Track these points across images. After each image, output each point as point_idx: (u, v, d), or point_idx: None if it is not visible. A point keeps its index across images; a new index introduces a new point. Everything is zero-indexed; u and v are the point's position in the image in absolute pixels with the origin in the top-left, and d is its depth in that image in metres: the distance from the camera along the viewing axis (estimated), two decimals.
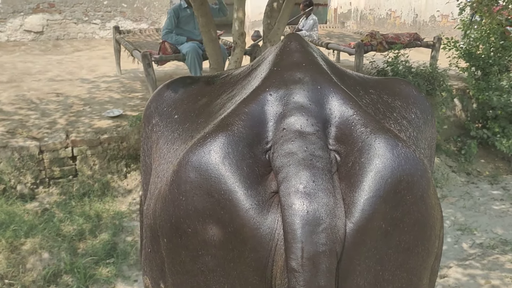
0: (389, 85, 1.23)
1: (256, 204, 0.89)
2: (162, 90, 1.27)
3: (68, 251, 4.16)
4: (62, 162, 5.00)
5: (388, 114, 1.09)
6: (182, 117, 1.15)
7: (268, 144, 0.94)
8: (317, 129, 0.93)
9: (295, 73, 1.00)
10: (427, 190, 0.95)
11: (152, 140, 1.21)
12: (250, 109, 0.96)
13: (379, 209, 0.89)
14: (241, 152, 0.91)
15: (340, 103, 0.96)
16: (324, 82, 0.99)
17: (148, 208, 1.11)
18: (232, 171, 0.89)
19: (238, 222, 0.88)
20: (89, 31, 10.66)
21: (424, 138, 1.16)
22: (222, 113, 1.02)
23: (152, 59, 5.71)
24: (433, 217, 0.98)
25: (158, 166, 1.12)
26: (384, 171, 0.89)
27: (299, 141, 0.91)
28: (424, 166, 0.94)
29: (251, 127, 0.94)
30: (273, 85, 0.99)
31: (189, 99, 1.21)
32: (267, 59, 1.12)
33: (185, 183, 0.92)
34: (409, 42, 6.92)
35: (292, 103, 0.96)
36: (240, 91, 1.09)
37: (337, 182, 0.92)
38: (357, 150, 0.92)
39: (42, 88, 6.64)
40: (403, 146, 0.92)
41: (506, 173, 6.57)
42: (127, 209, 4.92)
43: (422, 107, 1.21)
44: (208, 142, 0.92)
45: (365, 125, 0.93)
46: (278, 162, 0.91)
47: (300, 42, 1.10)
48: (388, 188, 0.89)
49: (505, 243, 4.61)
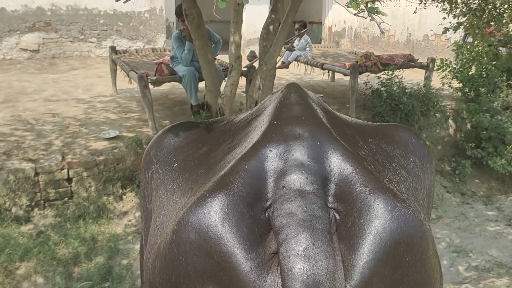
0: (388, 132, 1.24)
1: (256, 266, 0.88)
2: (162, 136, 1.27)
3: (63, 275, 4.13)
4: (57, 184, 4.99)
5: (387, 164, 1.10)
6: (181, 165, 1.15)
7: (267, 201, 0.94)
8: (316, 187, 0.94)
9: (295, 128, 1.00)
10: (426, 251, 0.95)
11: (152, 187, 1.21)
12: (250, 165, 0.96)
13: (378, 272, 0.89)
14: (241, 212, 0.91)
15: (339, 160, 0.97)
16: (324, 137, 1.00)
17: (147, 261, 1.10)
18: (232, 233, 0.89)
19: (238, 285, 0.88)
20: (85, 49, 10.69)
21: (423, 187, 1.17)
22: (222, 167, 1.02)
23: (148, 80, 5.73)
24: (432, 277, 0.98)
25: (157, 217, 1.11)
26: (383, 234, 0.89)
27: (299, 200, 0.91)
28: (423, 227, 0.94)
29: (250, 185, 0.94)
30: (273, 140, 0.99)
31: (189, 146, 1.21)
32: (267, 110, 1.12)
33: (184, 243, 0.92)
34: (403, 63, 6.98)
35: (291, 160, 0.96)
36: (240, 143, 1.09)
37: (337, 243, 0.92)
38: (357, 210, 0.92)
39: (38, 108, 6.63)
40: (402, 207, 0.92)
41: (501, 193, 6.60)
42: (122, 231, 4.90)
43: (421, 155, 1.21)
44: (208, 202, 0.91)
45: (365, 184, 0.93)
46: (278, 222, 0.91)
47: (300, 94, 1.11)
48: (387, 250, 0.89)
49: (500, 265, 4.62)
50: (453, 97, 7.56)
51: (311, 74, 9.18)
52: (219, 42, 6.05)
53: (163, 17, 11.29)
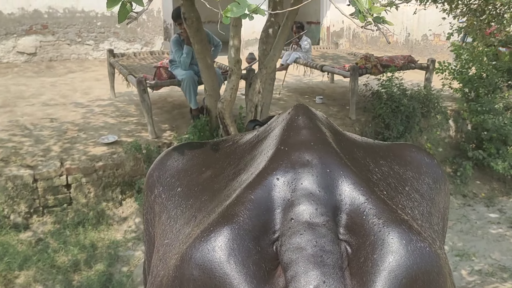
0: (399, 153, 1.18)
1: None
2: (165, 158, 1.22)
3: (63, 283, 4.09)
4: (56, 191, 4.94)
5: (400, 189, 1.05)
6: (185, 191, 1.10)
7: (275, 234, 0.89)
8: (327, 219, 0.89)
9: (303, 154, 0.95)
10: (443, 287, 0.90)
11: (155, 212, 1.16)
12: (256, 195, 0.91)
13: None
14: (247, 247, 0.86)
15: (350, 189, 0.92)
16: (334, 164, 0.95)
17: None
18: (238, 270, 0.84)
19: None
20: (83, 52, 10.64)
21: (437, 211, 1.12)
22: (226, 195, 0.98)
23: (147, 84, 5.68)
24: None
25: (160, 247, 1.07)
26: (398, 270, 0.84)
27: (308, 234, 0.87)
28: (440, 261, 0.89)
29: (257, 216, 0.89)
30: (280, 168, 0.94)
31: (193, 170, 1.16)
32: (273, 133, 1.07)
33: (188, 281, 0.87)
34: (404, 64, 6.95)
35: (300, 190, 0.91)
36: (246, 168, 1.05)
37: (349, 280, 0.87)
38: (369, 244, 0.87)
39: (36, 113, 6.58)
40: (418, 241, 0.87)
41: (502, 195, 6.58)
42: (122, 237, 4.86)
43: (435, 176, 1.16)
44: (212, 237, 0.87)
45: (378, 216, 0.89)
46: (286, 257, 0.86)
47: (308, 116, 1.06)
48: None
49: (504, 269, 4.59)
50: (453, 98, 7.54)
51: (310, 75, 9.15)
52: (219, 45, 6.01)
53: (160, 18, 11.24)
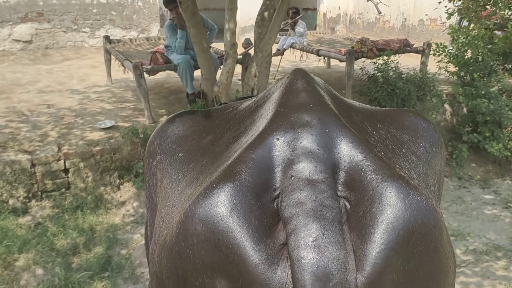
0: (397, 118, 1.20)
1: (265, 258, 0.85)
2: (166, 125, 1.24)
3: (62, 266, 4.13)
4: (54, 175, 4.97)
5: (397, 151, 1.07)
6: (186, 155, 1.12)
7: (276, 191, 0.91)
8: (326, 176, 0.91)
9: (302, 115, 0.97)
10: (440, 240, 0.92)
11: (156, 178, 1.17)
12: (257, 154, 0.93)
13: (391, 262, 0.86)
14: (249, 203, 0.88)
15: (349, 147, 0.94)
16: (332, 124, 0.96)
17: (153, 254, 1.07)
18: (240, 224, 0.86)
19: (247, 278, 0.85)
20: (79, 39, 10.61)
21: (433, 173, 1.13)
22: (228, 157, 0.99)
23: (143, 69, 5.69)
24: (446, 266, 0.95)
25: (162, 209, 1.09)
26: (396, 222, 0.86)
27: (308, 189, 0.88)
28: (437, 215, 0.91)
29: (258, 175, 0.91)
30: (280, 128, 0.96)
31: (194, 136, 1.17)
32: (272, 97, 1.09)
33: (192, 236, 0.89)
34: (399, 48, 6.96)
35: (300, 149, 0.93)
36: (246, 131, 1.06)
37: (347, 233, 0.89)
38: (368, 198, 0.89)
39: (33, 100, 6.59)
40: (415, 194, 0.89)
41: (497, 177, 6.63)
42: (121, 221, 4.90)
43: (431, 140, 1.17)
44: (215, 194, 0.88)
45: (376, 172, 0.90)
46: (287, 212, 0.88)
47: (307, 80, 1.07)
48: (400, 239, 0.86)
49: (498, 248, 4.65)
50: (449, 82, 7.56)
51: (306, 60, 9.15)
52: (214, 29, 6.01)
53: (156, 5, 11.20)
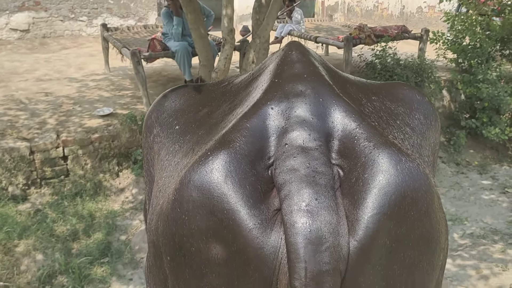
0: (391, 91, 1.21)
1: (260, 223, 0.87)
2: (163, 99, 1.25)
3: (62, 251, 4.16)
4: (53, 162, 4.98)
5: (391, 122, 1.08)
6: (183, 128, 1.13)
7: (270, 159, 0.93)
8: (319, 143, 0.92)
9: (297, 85, 0.98)
10: (431, 205, 0.93)
11: (154, 150, 1.19)
12: (252, 124, 0.95)
13: (383, 226, 0.87)
14: (244, 170, 0.90)
15: (342, 116, 0.95)
16: (326, 94, 0.98)
17: (150, 223, 1.09)
18: (235, 190, 0.88)
19: (242, 242, 0.87)
20: (76, 28, 10.57)
21: (428, 145, 1.15)
22: (223, 127, 1.01)
23: (141, 56, 5.68)
24: (437, 231, 0.97)
25: (159, 179, 1.11)
26: (388, 188, 0.88)
27: (302, 157, 0.90)
28: (428, 181, 0.93)
29: (252, 143, 0.93)
30: (274, 98, 0.97)
31: (190, 109, 1.19)
32: (267, 69, 1.10)
33: (187, 202, 0.91)
34: (397, 34, 6.95)
35: (294, 117, 0.94)
36: (241, 102, 1.07)
37: (340, 199, 0.90)
38: (360, 165, 0.90)
39: (31, 88, 6.58)
40: (407, 161, 0.90)
41: (495, 163, 6.65)
42: (120, 208, 4.92)
43: (426, 112, 1.19)
44: (210, 160, 0.90)
45: (368, 139, 0.92)
46: (281, 178, 0.89)
47: (302, 51, 1.08)
48: (392, 204, 0.87)
49: (495, 232, 4.68)
50: (447, 68, 7.55)
51: None
52: (211, 15, 6.00)
53: None
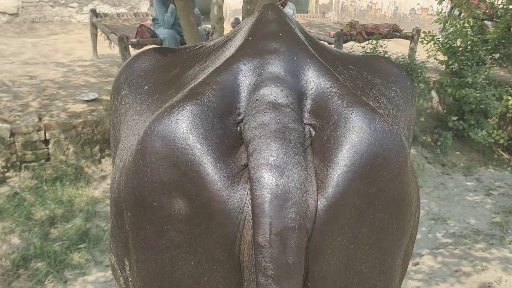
0: (369, 62, 1.19)
1: (225, 176, 0.84)
2: (133, 60, 1.21)
3: (38, 235, 4.08)
4: (34, 146, 4.89)
5: (367, 90, 1.05)
6: (152, 88, 1.09)
7: (240, 115, 0.90)
8: (291, 101, 0.89)
9: (271, 43, 0.95)
10: (404, 167, 0.91)
11: (121, 112, 1.15)
12: (222, 78, 0.91)
13: (353, 185, 0.85)
14: (211, 122, 0.87)
15: (316, 75, 0.92)
16: (301, 53, 0.95)
17: (113, 181, 1.05)
18: (200, 142, 0.85)
19: (206, 195, 0.84)
20: (66, 14, 10.44)
21: (403, 117, 1.12)
22: (193, 83, 0.97)
23: (128, 42, 5.61)
24: (409, 195, 0.94)
25: (125, 139, 1.06)
26: (360, 145, 0.85)
27: (272, 112, 0.87)
28: (401, 142, 0.90)
29: (222, 97, 0.89)
30: (247, 55, 0.94)
31: (160, 70, 1.15)
32: (242, 30, 1.06)
33: (150, 153, 0.87)
34: (388, 33, 6.94)
35: (266, 74, 0.91)
36: (213, 61, 1.04)
37: (310, 157, 0.88)
38: (333, 123, 0.87)
39: (15, 71, 6.48)
40: (380, 120, 0.88)
41: (480, 165, 6.66)
42: (101, 194, 4.84)
43: (403, 86, 1.17)
44: (175, 111, 0.87)
45: (342, 98, 0.89)
46: (250, 133, 0.86)
47: (277, 13, 1.05)
48: (363, 163, 0.85)
49: (477, 232, 4.68)
50: (437, 70, 7.55)
51: None
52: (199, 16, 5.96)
53: None
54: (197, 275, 0.89)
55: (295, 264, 0.82)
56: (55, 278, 3.72)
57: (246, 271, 0.87)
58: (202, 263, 0.89)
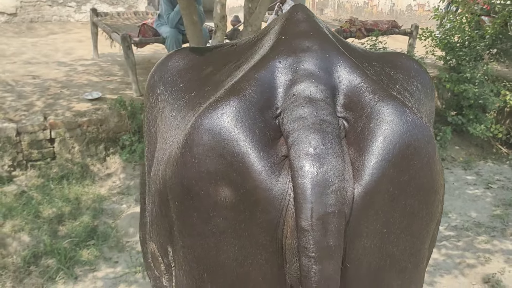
0: (390, 59, 1.25)
1: (268, 166, 0.90)
2: (166, 60, 1.26)
3: (48, 233, 4.12)
4: (40, 145, 4.93)
5: (391, 85, 1.10)
6: (187, 85, 1.15)
7: (278, 110, 0.95)
8: (326, 95, 0.95)
9: (303, 41, 1.01)
10: (433, 156, 0.97)
11: (157, 109, 1.20)
12: (260, 75, 0.96)
13: (387, 173, 0.90)
14: (253, 116, 0.92)
15: (348, 71, 0.98)
16: (332, 51, 1.00)
17: (156, 173, 1.10)
18: (245, 134, 0.90)
19: (251, 184, 0.89)
20: (64, 14, 10.45)
21: (424, 111, 1.17)
22: (231, 80, 1.02)
23: (131, 41, 5.65)
24: (437, 182, 1.00)
25: (165, 133, 1.12)
26: (392, 136, 0.91)
27: (309, 106, 0.93)
28: (430, 133, 0.96)
29: (261, 93, 0.95)
30: (282, 53, 0.99)
31: (194, 68, 1.20)
32: (273, 29, 1.12)
33: (197, 145, 0.93)
34: (387, 29, 7.01)
35: (301, 70, 0.97)
36: (247, 59, 1.09)
37: (346, 147, 0.94)
38: (366, 116, 0.93)
39: (18, 70, 6.50)
40: (410, 113, 0.94)
41: (479, 159, 6.74)
42: (107, 192, 4.89)
43: (423, 81, 1.22)
44: (220, 106, 0.92)
45: (373, 92, 0.95)
46: (289, 126, 0.92)
47: (306, 12, 1.11)
48: (396, 152, 0.91)
49: (478, 225, 4.75)
50: (435, 65, 7.62)
51: None
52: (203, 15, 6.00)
53: None
54: (241, 258, 0.95)
55: (336, 246, 0.88)
56: (65, 274, 3.77)
57: (288, 254, 0.93)
58: (246, 247, 0.94)
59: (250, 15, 5.19)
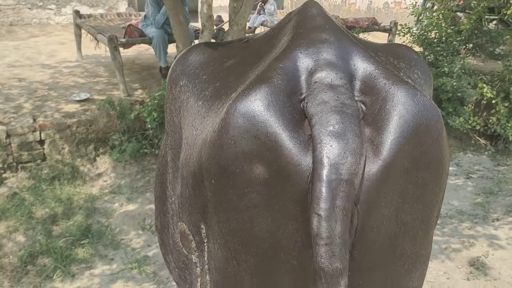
0: (392, 49, 1.37)
1: (298, 144, 1.00)
2: (186, 54, 1.36)
3: (42, 233, 4.16)
4: (30, 147, 4.95)
5: (396, 73, 1.23)
6: (210, 77, 1.24)
7: (302, 95, 1.05)
8: (345, 82, 1.05)
9: (321, 34, 1.11)
10: (441, 133, 1.08)
11: (181, 100, 1.29)
12: (285, 65, 1.07)
13: (403, 149, 1.01)
14: (282, 101, 1.02)
15: (362, 60, 1.09)
16: (347, 42, 1.11)
17: (188, 158, 1.19)
18: (276, 116, 1.00)
19: (283, 160, 0.99)
20: (44, 16, 10.38)
21: None
22: (256, 70, 1.12)
23: (118, 42, 5.69)
24: (445, 157, 1.11)
25: (193, 121, 1.20)
26: (407, 116, 1.02)
27: (331, 92, 1.03)
28: (438, 112, 1.07)
29: (287, 80, 1.05)
30: (303, 45, 1.09)
31: (215, 61, 1.29)
32: (289, 24, 1.22)
33: (233, 128, 1.02)
34: (368, 26, 7.18)
35: (321, 60, 1.07)
36: (268, 52, 1.19)
37: (363, 127, 1.04)
38: (382, 99, 1.04)
39: (3, 73, 6.48)
40: (421, 95, 1.05)
41: (459, 151, 6.95)
42: (98, 191, 4.93)
43: (422, 69, 1.34)
44: (253, 92, 1.02)
45: (387, 78, 1.06)
46: (313, 109, 1.02)
47: (319, 8, 1.21)
48: (410, 130, 1.02)
49: (461, 213, 4.94)
50: None
51: None
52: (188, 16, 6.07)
53: None
54: (273, 229, 1.05)
55: (343, 209, 0.97)
56: (62, 273, 3.82)
57: None
58: (277, 219, 1.04)
59: (235, 15, 5.29)
